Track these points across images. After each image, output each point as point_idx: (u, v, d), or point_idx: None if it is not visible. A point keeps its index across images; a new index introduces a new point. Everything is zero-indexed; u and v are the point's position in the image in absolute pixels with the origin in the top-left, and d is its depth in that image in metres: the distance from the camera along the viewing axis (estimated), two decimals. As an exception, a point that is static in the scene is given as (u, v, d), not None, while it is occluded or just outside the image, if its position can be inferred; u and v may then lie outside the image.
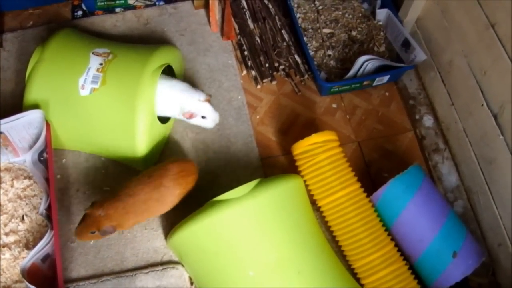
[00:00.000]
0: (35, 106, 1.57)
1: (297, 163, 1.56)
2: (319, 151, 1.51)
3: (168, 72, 1.68)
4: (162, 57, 1.61)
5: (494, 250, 1.58)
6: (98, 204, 1.40)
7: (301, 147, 1.53)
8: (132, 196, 1.42)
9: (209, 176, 1.66)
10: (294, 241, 1.38)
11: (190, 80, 1.81)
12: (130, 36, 1.91)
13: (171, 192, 1.46)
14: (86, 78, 1.55)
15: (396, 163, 1.73)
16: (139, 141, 1.54)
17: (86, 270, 1.52)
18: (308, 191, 1.54)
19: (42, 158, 1.59)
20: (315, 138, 1.51)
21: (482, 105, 1.53)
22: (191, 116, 1.62)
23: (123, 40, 1.81)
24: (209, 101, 1.62)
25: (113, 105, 1.54)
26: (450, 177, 1.72)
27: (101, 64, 1.57)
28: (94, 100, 1.55)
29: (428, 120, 1.80)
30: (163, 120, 1.64)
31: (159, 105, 1.60)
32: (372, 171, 1.72)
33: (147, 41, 1.89)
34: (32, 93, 1.59)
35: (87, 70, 1.57)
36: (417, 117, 1.81)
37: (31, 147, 1.58)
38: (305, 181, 1.54)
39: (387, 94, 1.86)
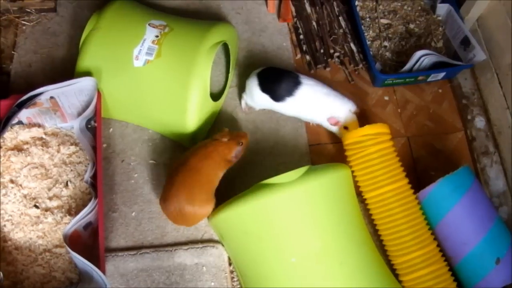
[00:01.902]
0: (87, 74, 1.57)
1: (347, 153, 1.54)
2: (371, 143, 1.48)
3: (223, 50, 1.66)
4: (219, 34, 1.59)
5: (537, 260, 1.55)
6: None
7: (352, 137, 1.51)
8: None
9: (255, 158, 1.65)
10: (339, 232, 1.37)
11: (244, 60, 1.80)
12: (185, 10, 1.89)
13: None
14: (141, 49, 1.55)
15: (443, 162, 1.70)
16: (190, 117, 1.53)
17: (126, 241, 1.53)
18: (355, 182, 1.52)
19: (89, 126, 1.59)
20: (368, 130, 1.49)
21: (540, 111, 1.50)
22: (336, 123, 1.63)
23: (178, 14, 1.79)
24: (356, 114, 1.64)
25: (166, 79, 1.53)
26: (497, 182, 1.68)
27: (157, 36, 1.56)
28: (148, 72, 1.54)
29: (480, 122, 1.76)
30: (215, 97, 1.63)
31: (305, 108, 1.62)
32: (418, 168, 1.69)
33: (202, 16, 1.87)
34: (85, 60, 1.59)
35: (143, 41, 1.56)
36: (469, 117, 1.77)
37: (79, 114, 1.59)
38: (353, 172, 1.52)
39: (440, 91, 1.82)
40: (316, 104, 1.61)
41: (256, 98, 1.65)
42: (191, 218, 1.46)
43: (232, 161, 1.48)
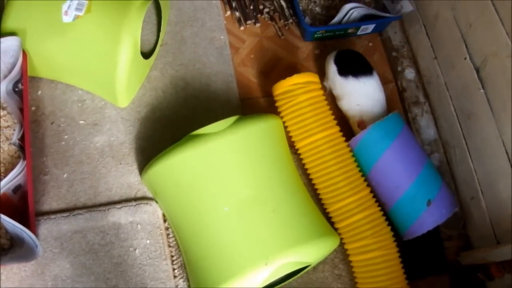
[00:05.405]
0: (13, 34, 1.52)
1: (277, 104, 1.54)
2: (300, 92, 1.49)
3: (155, 8, 1.64)
4: (149, -11, 1.56)
5: (467, 203, 1.60)
6: None
7: (282, 87, 1.51)
8: None
9: (187, 113, 1.64)
10: (270, 180, 1.37)
11: (173, 19, 1.77)
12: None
13: None
14: (70, 5, 1.50)
15: (376, 113, 1.72)
16: (120, 74, 1.49)
17: (58, 203, 1.50)
18: (287, 133, 1.52)
19: (17, 89, 1.54)
20: (297, 79, 1.49)
21: (465, 58, 1.53)
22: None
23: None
24: None
25: (96, 34, 1.49)
26: (428, 130, 1.73)
27: (86, -9, 1.53)
28: (77, 28, 1.49)
29: (410, 73, 1.79)
30: (145, 56, 1.61)
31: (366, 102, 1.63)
32: (351, 120, 1.71)
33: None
34: (11, 20, 1.52)
35: (72, -4, 1.52)
36: (399, 69, 1.80)
37: (5, 76, 1.54)
38: (284, 122, 1.52)
39: (370, 44, 1.85)
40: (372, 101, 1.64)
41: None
42: None
43: None
